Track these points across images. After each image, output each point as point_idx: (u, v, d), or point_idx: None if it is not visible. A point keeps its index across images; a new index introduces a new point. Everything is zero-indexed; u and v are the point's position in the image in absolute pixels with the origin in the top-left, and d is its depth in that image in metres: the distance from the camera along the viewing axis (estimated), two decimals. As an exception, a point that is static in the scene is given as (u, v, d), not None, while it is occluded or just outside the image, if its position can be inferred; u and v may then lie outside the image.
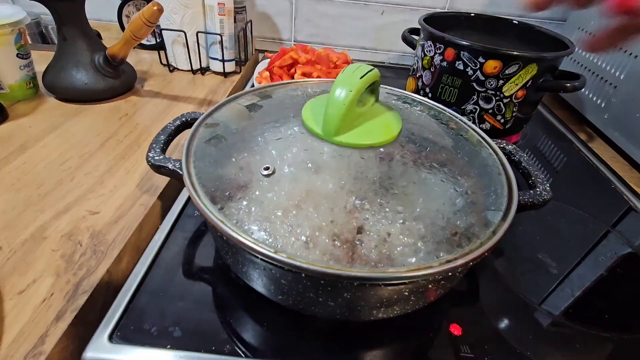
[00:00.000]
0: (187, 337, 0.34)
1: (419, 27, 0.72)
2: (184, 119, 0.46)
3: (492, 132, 0.68)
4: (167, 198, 0.51)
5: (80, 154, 0.55)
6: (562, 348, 0.38)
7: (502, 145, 0.47)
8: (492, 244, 0.31)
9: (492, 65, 0.61)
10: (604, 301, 0.43)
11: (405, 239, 0.30)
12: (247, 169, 0.34)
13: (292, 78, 0.77)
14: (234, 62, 0.85)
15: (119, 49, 0.65)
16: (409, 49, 0.79)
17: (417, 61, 0.74)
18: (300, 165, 0.34)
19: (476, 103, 0.66)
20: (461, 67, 0.64)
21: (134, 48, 0.66)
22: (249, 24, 0.90)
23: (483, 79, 0.63)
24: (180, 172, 0.36)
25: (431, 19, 0.74)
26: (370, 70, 0.37)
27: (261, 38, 1.05)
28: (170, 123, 0.45)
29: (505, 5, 0.95)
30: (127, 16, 0.91)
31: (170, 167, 0.39)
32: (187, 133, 0.40)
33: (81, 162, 0.54)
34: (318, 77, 0.75)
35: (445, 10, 0.97)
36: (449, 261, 0.29)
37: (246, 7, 0.88)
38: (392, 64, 1.07)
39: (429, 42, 0.68)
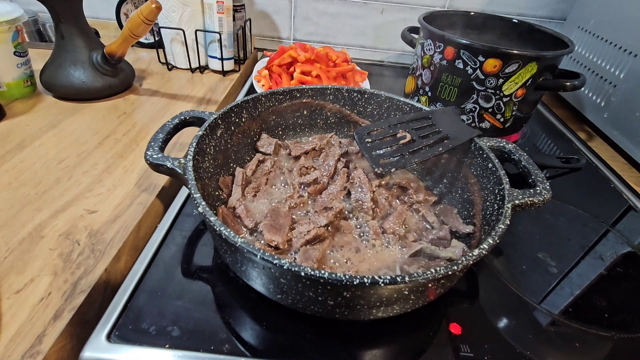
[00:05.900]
0: (185, 337, 0.34)
1: (419, 25, 0.71)
2: (182, 118, 0.46)
3: (492, 131, 0.68)
4: (165, 197, 0.51)
5: (78, 152, 0.55)
6: (562, 347, 0.38)
7: (501, 144, 0.47)
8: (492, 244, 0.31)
9: (491, 64, 0.61)
10: (603, 300, 0.43)
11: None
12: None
13: (292, 77, 0.76)
14: (232, 60, 0.85)
15: (117, 47, 0.65)
16: (409, 48, 0.79)
17: (417, 60, 0.74)
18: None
19: (476, 102, 0.66)
20: (461, 65, 0.64)
21: (132, 46, 0.65)
22: (248, 22, 0.90)
23: (483, 77, 0.63)
24: (179, 171, 0.36)
25: (431, 18, 0.74)
26: None
27: (260, 36, 1.05)
28: (168, 121, 0.45)
29: (505, 4, 0.95)
30: (126, 14, 0.91)
31: (169, 165, 0.39)
32: (186, 131, 0.40)
33: (79, 160, 0.53)
34: (317, 75, 0.75)
35: (445, 9, 0.96)
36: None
37: (245, 5, 0.88)
38: (391, 62, 1.07)
39: (429, 41, 0.68)
